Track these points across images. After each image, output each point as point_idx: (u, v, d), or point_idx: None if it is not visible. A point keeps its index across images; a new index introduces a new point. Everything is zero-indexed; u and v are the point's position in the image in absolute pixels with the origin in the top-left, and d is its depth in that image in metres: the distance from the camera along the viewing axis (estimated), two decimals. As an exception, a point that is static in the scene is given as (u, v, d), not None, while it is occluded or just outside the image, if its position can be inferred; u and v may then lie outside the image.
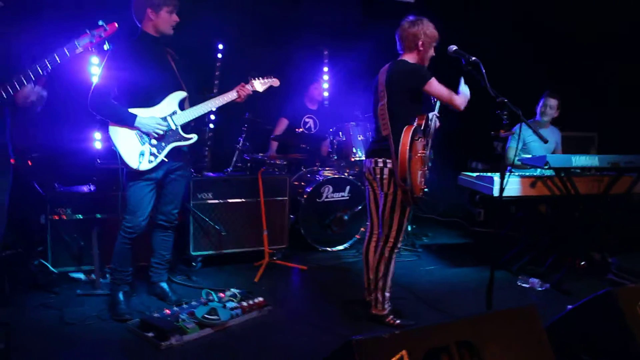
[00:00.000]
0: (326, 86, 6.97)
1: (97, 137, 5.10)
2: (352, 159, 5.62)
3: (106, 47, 3.17)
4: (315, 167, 5.80)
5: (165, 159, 3.63)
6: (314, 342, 3.39)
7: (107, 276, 4.27)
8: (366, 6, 6.89)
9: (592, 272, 4.87)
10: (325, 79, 7.00)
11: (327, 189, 5.47)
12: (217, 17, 5.66)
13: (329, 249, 5.52)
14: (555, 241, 5.00)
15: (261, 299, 3.85)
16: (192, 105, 3.79)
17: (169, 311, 3.49)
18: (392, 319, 3.66)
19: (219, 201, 4.83)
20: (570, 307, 2.98)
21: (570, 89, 5.81)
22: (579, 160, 4.38)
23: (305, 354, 3.23)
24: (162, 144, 3.63)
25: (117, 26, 3.13)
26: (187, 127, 3.75)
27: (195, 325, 3.37)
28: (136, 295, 4.01)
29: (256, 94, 4.00)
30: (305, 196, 5.35)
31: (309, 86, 6.31)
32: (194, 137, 3.77)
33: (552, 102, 5.26)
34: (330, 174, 5.57)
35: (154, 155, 3.59)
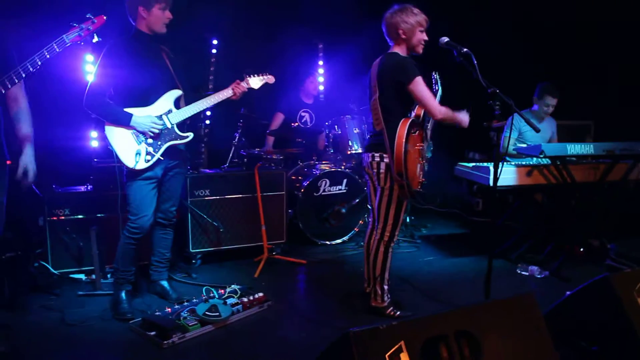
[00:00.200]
0: (321, 80, 6.96)
1: (94, 135, 5.09)
2: (349, 152, 5.62)
3: (95, 39, 3.14)
4: (311, 161, 5.80)
5: (161, 158, 3.63)
6: (314, 336, 3.41)
7: (108, 276, 4.30)
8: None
9: (591, 259, 4.91)
10: (320, 72, 6.99)
11: (324, 182, 5.48)
12: (211, 12, 5.64)
13: (328, 243, 5.54)
14: (552, 229, 5.03)
15: (261, 294, 3.86)
16: (187, 103, 3.79)
17: (170, 309, 3.50)
18: (392, 311, 3.68)
19: (217, 197, 4.83)
20: (568, 293, 3.00)
21: (566, 78, 5.81)
22: (575, 148, 4.38)
23: (306, 348, 3.24)
24: (158, 143, 3.63)
25: (105, 18, 3.10)
26: (182, 126, 3.75)
27: (196, 322, 3.38)
28: (137, 294, 4.01)
29: (251, 90, 4.00)
30: (302, 190, 5.36)
31: (305, 80, 6.30)
32: (190, 135, 3.77)
33: (554, 102, 5.24)
34: (327, 168, 5.58)
35: (150, 154, 3.59)
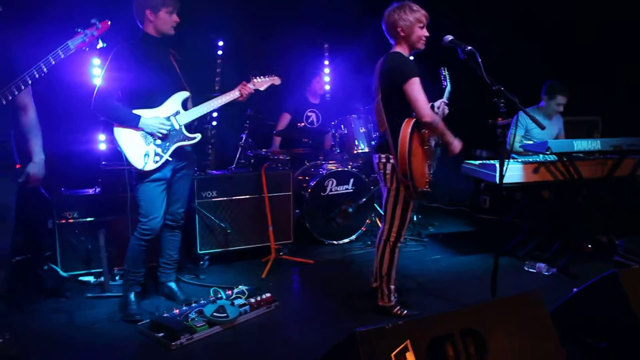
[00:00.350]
0: (327, 79, 6.97)
1: (102, 138, 5.13)
2: (355, 152, 5.64)
3: (100, 45, 3.17)
4: (318, 161, 5.80)
5: (169, 159, 3.66)
6: (321, 336, 3.41)
7: (117, 278, 4.32)
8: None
9: (599, 255, 4.89)
10: (326, 72, 7.00)
11: (331, 182, 5.48)
12: (216, 14, 5.67)
13: (335, 242, 5.54)
14: (560, 226, 5.01)
15: (269, 294, 3.87)
16: (194, 105, 3.82)
17: (178, 311, 3.51)
18: (399, 310, 3.68)
19: (224, 199, 4.85)
20: (576, 290, 2.99)
21: (573, 74, 5.79)
22: (581, 144, 4.37)
23: (313, 348, 3.23)
24: (166, 144, 3.65)
25: (110, 23, 3.13)
26: (190, 127, 3.78)
27: (204, 323, 3.40)
28: (145, 296, 4.03)
29: (257, 91, 4.02)
30: (309, 190, 5.37)
31: (311, 80, 6.30)
32: (198, 136, 3.79)
33: (565, 100, 5.22)
34: (333, 168, 5.58)
35: (159, 155, 3.62)
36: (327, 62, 7.09)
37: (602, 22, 6.04)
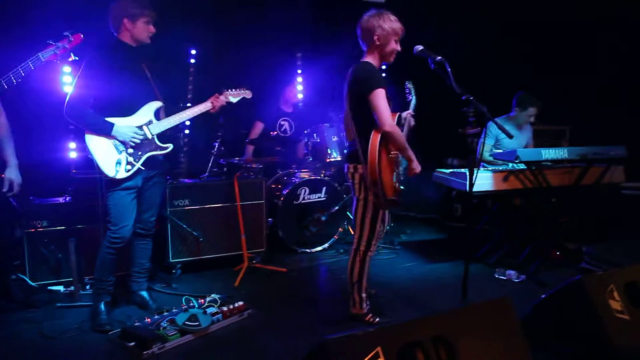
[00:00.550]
0: (300, 88, 6.99)
1: (72, 146, 5.06)
2: (328, 160, 5.66)
3: (71, 58, 3.15)
4: (291, 170, 5.82)
5: (141, 167, 3.64)
6: (294, 344, 3.41)
7: (87, 287, 4.26)
8: (337, 8, 6.93)
9: (567, 262, 5.00)
10: (299, 81, 7.02)
11: (303, 190, 5.50)
12: (189, 22, 5.65)
13: (308, 250, 5.55)
14: (530, 233, 5.10)
15: (241, 303, 3.86)
16: (167, 114, 3.81)
17: (149, 320, 3.49)
18: (372, 317, 3.69)
19: (196, 207, 4.83)
20: (544, 296, 3.05)
21: (543, 84, 5.91)
22: (549, 153, 4.45)
23: (286, 356, 3.26)
24: (138, 153, 3.63)
25: (83, 37, 3.12)
26: (162, 137, 3.76)
27: (176, 332, 3.38)
28: (117, 305, 3.99)
29: (229, 104, 4.05)
30: (282, 199, 5.37)
31: (284, 89, 6.33)
32: (170, 146, 3.78)
33: (536, 112, 5.34)
34: (306, 176, 5.61)
35: (131, 164, 3.60)
36: (300, 71, 7.11)
37: (571, 31, 6.17)
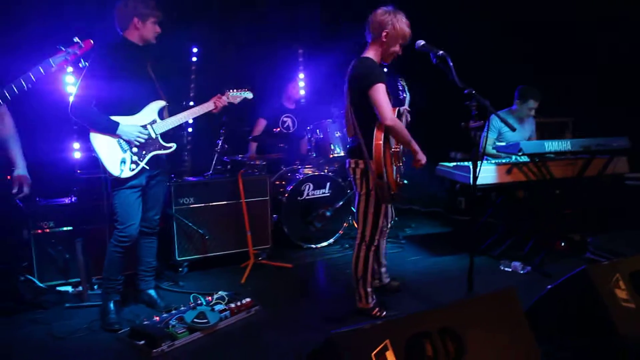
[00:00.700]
0: (302, 84, 7.00)
1: (76, 146, 5.07)
2: (331, 156, 5.66)
3: (82, 64, 3.18)
4: (294, 166, 5.84)
5: (146, 167, 3.66)
6: (302, 339, 3.43)
7: (95, 287, 4.29)
8: (338, 3, 6.92)
9: (572, 253, 5.01)
10: (301, 77, 7.03)
11: (307, 186, 5.52)
12: (191, 20, 5.67)
13: (313, 246, 5.58)
14: (534, 225, 5.11)
15: (249, 299, 3.89)
16: (170, 114, 3.83)
17: (158, 318, 3.51)
18: (378, 311, 3.72)
19: (201, 205, 4.85)
20: (549, 287, 3.06)
21: (546, 76, 5.90)
22: (552, 145, 4.45)
23: (293, 352, 3.27)
24: (142, 152, 3.66)
25: (92, 43, 3.15)
26: (166, 136, 3.78)
27: (185, 330, 3.40)
28: (125, 304, 4.01)
29: (231, 105, 4.09)
30: (286, 195, 5.39)
31: (287, 85, 6.34)
32: (174, 145, 3.81)
33: (537, 105, 5.31)
34: (310, 172, 5.62)
35: (135, 163, 3.62)
36: (302, 67, 7.12)
37: (574, 24, 6.15)
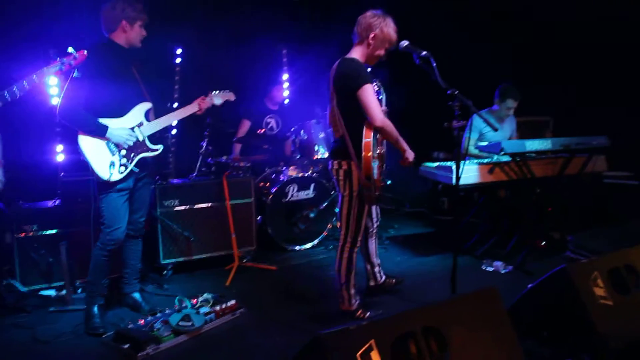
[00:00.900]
0: (286, 85, 7.01)
1: (59, 149, 5.04)
2: (315, 157, 5.68)
3: (75, 74, 3.18)
4: (279, 167, 5.84)
5: (134, 169, 3.67)
6: (287, 341, 3.45)
7: (79, 291, 4.27)
8: (322, 4, 6.94)
9: (553, 251, 5.07)
10: (284, 78, 7.04)
11: (292, 188, 5.53)
12: (175, 22, 5.65)
13: (298, 248, 5.58)
14: (515, 224, 5.17)
15: (234, 302, 3.89)
16: (156, 115, 3.83)
17: (143, 321, 3.51)
18: (362, 313, 3.73)
19: (186, 207, 4.85)
20: (530, 286, 3.12)
21: (526, 75, 5.96)
22: (533, 144, 4.51)
23: (279, 353, 3.29)
24: (131, 155, 3.65)
25: (86, 54, 3.17)
26: (152, 138, 3.79)
27: (170, 333, 3.40)
28: (109, 307, 4.00)
29: (214, 107, 4.13)
30: (270, 197, 5.40)
31: (271, 88, 6.33)
32: (160, 147, 3.82)
33: (516, 104, 5.35)
34: (294, 173, 5.62)
35: (124, 165, 3.62)
36: (285, 67, 7.13)
37: (554, 24, 6.22)
